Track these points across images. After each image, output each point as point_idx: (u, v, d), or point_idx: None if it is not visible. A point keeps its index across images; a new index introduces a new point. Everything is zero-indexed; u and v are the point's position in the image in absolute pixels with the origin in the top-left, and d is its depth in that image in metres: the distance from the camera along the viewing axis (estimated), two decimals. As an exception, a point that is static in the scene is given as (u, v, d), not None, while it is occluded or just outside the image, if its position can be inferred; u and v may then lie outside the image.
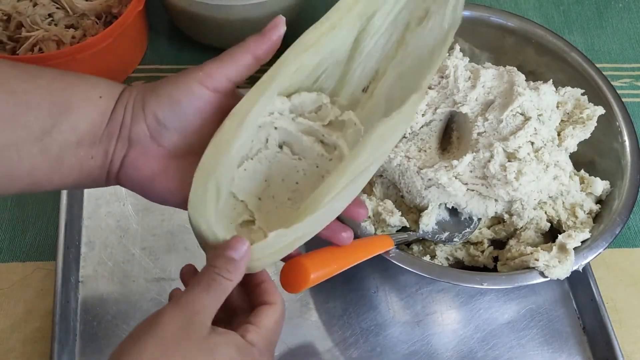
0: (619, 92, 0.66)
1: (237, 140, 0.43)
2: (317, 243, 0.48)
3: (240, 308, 0.46)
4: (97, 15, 0.75)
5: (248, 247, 0.41)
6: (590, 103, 0.66)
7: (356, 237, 0.56)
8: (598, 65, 0.68)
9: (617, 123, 0.65)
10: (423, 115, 0.62)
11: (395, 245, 0.56)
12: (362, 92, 0.49)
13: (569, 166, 0.64)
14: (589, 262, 0.59)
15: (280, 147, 0.48)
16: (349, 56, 0.49)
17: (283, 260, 0.47)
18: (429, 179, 0.59)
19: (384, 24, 0.49)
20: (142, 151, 0.44)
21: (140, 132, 0.43)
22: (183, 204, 0.44)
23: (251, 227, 0.46)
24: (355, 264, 0.52)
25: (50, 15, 0.74)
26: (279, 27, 0.45)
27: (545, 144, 0.61)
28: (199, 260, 0.65)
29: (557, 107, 0.65)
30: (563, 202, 0.63)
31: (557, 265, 0.56)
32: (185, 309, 0.39)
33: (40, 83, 0.42)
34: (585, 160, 0.66)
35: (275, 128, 0.47)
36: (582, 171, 0.65)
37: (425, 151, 0.62)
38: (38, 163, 0.42)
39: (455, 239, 0.61)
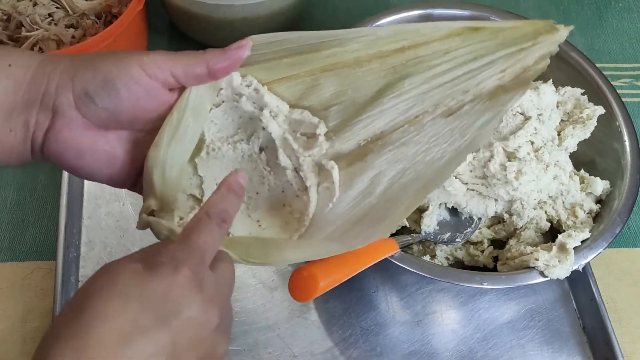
0: (619, 92, 0.66)
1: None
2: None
3: None
4: (97, 15, 0.75)
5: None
6: (590, 103, 0.66)
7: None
8: (598, 65, 0.68)
9: (617, 123, 0.65)
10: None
11: (401, 248, 0.56)
12: (357, 145, 0.46)
13: (569, 166, 0.64)
14: (589, 262, 0.59)
15: (261, 150, 0.47)
16: (365, 102, 0.46)
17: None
18: (429, 179, 0.59)
19: (413, 90, 0.46)
20: (67, 123, 0.40)
21: (65, 102, 0.40)
22: (112, 181, 0.43)
23: (195, 207, 0.45)
24: (363, 269, 0.52)
25: (50, 15, 0.74)
26: (244, 49, 0.43)
27: (545, 144, 0.61)
28: (199, 260, 0.66)
29: (557, 106, 0.65)
30: (563, 202, 0.63)
31: (557, 265, 0.56)
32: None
33: None
34: (585, 160, 0.66)
35: (263, 129, 0.45)
36: (582, 171, 0.65)
37: (425, 151, 0.62)
38: None
39: (457, 240, 0.61)
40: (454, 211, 0.62)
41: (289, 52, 0.45)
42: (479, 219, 0.63)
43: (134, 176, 0.44)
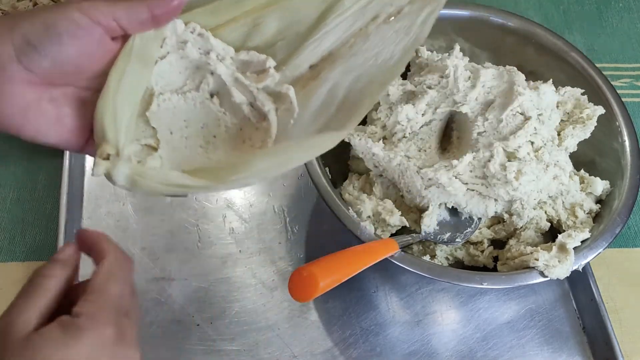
0: (619, 92, 0.66)
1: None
2: (321, 248, 0.48)
3: None
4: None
5: (73, 250, 0.41)
6: (590, 103, 0.66)
7: (358, 239, 0.56)
8: (598, 65, 0.68)
9: (617, 123, 0.65)
10: (423, 114, 0.62)
11: (401, 248, 0.56)
12: (309, 68, 0.48)
13: (569, 166, 0.64)
14: (589, 262, 0.59)
15: (212, 95, 0.47)
16: (307, 30, 0.47)
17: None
18: (429, 179, 0.59)
19: (353, 6, 0.48)
20: (8, 77, 0.38)
21: (5, 53, 0.38)
22: (62, 143, 0.42)
23: (152, 154, 0.44)
24: (363, 269, 0.52)
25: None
26: None
27: (545, 144, 0.61)
28: (200, 260, 0.66)
29: (557, 106, 0.65)
30: (563, 202, 0.63)
31: (557, 265, 0.56)
32: (1, 323, 0.36)
33: None
34: (585, 160, 0.66)
35: (212, 73, 0.46)
36: (582, 171, 0.65)
37: (425, 151, 0.62)
38: None
39: (457, 240, 0.61)
40: (454, 211, 0.62)
41: None
42: (479, 219, 0.63)
43: (83, 138, 0.43)
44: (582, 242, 0.58)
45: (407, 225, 0.61)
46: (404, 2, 0.49)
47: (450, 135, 0.65)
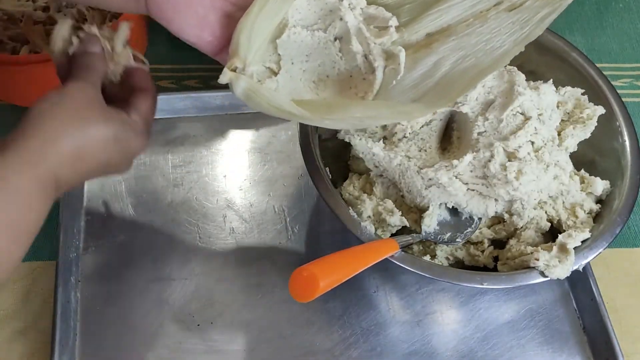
0: (619, 92, 0.66)
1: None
2: (321, 248, 0.48)
3: (121, 99, 0.50)
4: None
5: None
6: (590, 103, 0.66)
7: (358, 239, 0.56)
8: (598, 65, 0.68)
9: (617, 123, 0.65)
10: (423, 115, 0.62)
11: (401, 248, 0.56)
12: (425, 35, 0.52)
13: (569, 166, 0.64)
14: (589, 262, 0.59)
15: (335, 39, 0.52)
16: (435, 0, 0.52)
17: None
18: (430, 179, 0.59)
19: None
20: None
21: None
22: (199, 43, 0.49)
23: (271, 77, 0.50)
24: (363, 269, 0.52)
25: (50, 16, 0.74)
26: None
27: (545, 144, 0.61)
28: (200, 260, 0.66)
29: (557, 106, 0.65)
30: (563, 202, 0.63)
31: (557, 265, 0.56)
32: (85, 87, 0.44)
33: None
34: (585, 160, 0.66)
35: (341, 19, 0.51)
36: (582, 171, 0.65)
37: (425, 151, 0.62)
38: None
39: (457, 240, 0.61)
40: (454, 211, 0.62)
41: None
42: (479, 219, 0.63)
43: (218, 45, 0.49)
44: (582, 242, 0.58)
45: (408, 225, 0.61)
46: None
47: (451, 135, 0.65)
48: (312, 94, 0.51)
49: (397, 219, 0.60)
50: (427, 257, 0.62)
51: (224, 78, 0.46)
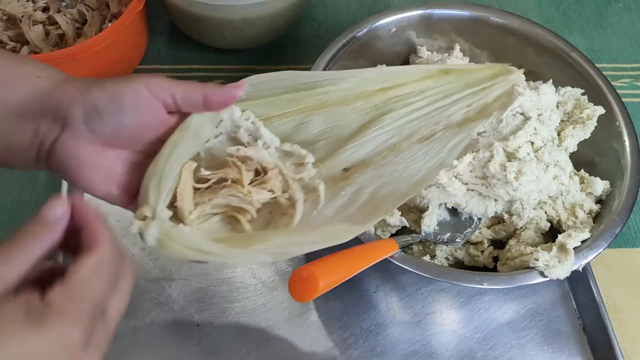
0: (619, 92, 0.66)
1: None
2: (322, 249, 0.48)
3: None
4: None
5: (64, 211, 0.38)
6: (590, 103, 0.66)
7: (358, 239, 0.56)
8: (598, 65, 0.68)
9: (617, 123, 0.65)
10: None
11: (400, 248, 0.56)
12: (342, 170, 0.52)
13: (569, 166, 0.64)
14: (589, 262, 0.59)
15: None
16: (349, 136, 0.52)
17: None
18: (429, 179, 0.59)
19: (393, 123, 0.53)
20: (74, 134, 0.44)
21: (75, 114, 0.43)
22: (109, 197, 0.45)
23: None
24: (363, 269, 0.52)
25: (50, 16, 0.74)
26: (239, 89, 0.47)
27: (545, 144, 0.61)
28: (199, 260, 0.66)
29: (557, 107, 0.65)
30: (563, 202, 0.63)
31: (557, 265, 0.56)
32: None
33: None
34: (585, 160, 0.66)
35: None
36: (582, 171, 0.65)
37: (425, 151, 0.62)
38: None
39: (457, 240, 0.61)
40: (454, 211, 0.62)
41: (286, 90, 0.50)
42: (479, 219, 0.63)
43: (128, 196, 0.46)
44: (582, 242, 0.58)
45: (407, 225, 0.61)
46: (439, 128, 0.54)
47: (450, 136, 0.65)
48: (230, 233, 0.48)
49: (396, 219, 0.60)
50: (427, 258, 0.62)
51: (133, 228, 0.43)
